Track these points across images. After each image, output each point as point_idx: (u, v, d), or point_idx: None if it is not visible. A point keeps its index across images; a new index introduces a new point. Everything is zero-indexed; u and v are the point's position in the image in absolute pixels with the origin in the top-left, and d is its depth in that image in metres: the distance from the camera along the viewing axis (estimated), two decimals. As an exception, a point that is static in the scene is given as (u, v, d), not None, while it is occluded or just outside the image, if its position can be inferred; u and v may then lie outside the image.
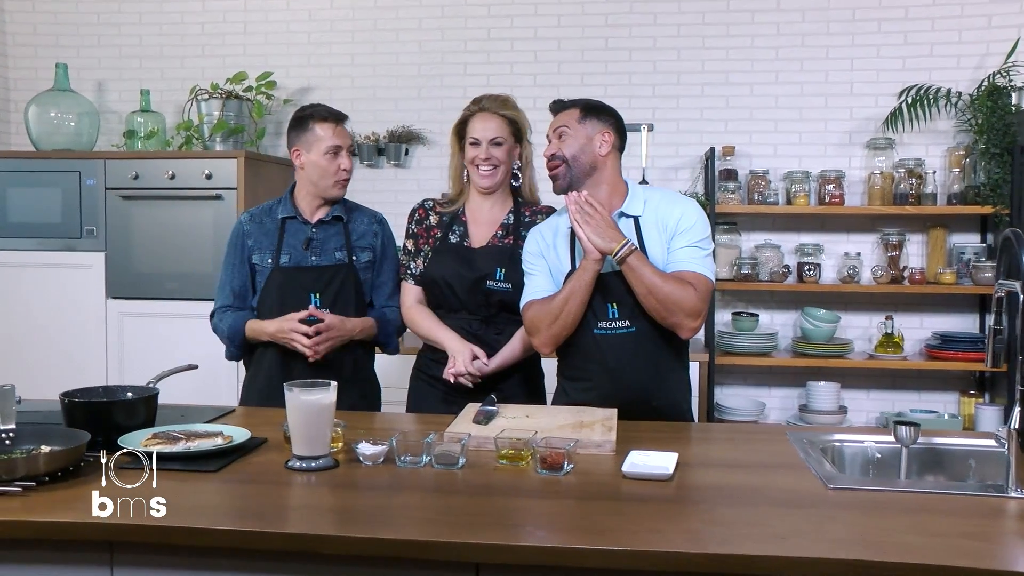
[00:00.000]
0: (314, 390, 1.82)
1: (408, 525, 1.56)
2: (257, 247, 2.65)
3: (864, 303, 4.27)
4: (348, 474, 1.84)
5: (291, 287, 2.59)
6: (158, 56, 4.73)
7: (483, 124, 2.56)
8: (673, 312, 2.22)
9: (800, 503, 1.67)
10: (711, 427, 2.80)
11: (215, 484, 1.75)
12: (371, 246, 2.69)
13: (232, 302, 2.66)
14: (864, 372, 4.23)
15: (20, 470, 1.66)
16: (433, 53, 4.52)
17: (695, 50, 4.37)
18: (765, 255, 4.24)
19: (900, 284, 4.08)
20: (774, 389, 4.39)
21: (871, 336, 4.26)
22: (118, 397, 2.08)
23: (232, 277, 2.67)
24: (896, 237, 4.13)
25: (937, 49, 4.16)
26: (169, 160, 4.09)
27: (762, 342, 4.17)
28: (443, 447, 1.87)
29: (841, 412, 4.10)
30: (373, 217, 2.76)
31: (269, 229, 2.66)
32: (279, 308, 2.57)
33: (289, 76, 4.56)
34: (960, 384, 4.20)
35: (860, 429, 2.57)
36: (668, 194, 2.45)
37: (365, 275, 2.67)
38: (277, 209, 2.68)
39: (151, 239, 4.10)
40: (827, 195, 4.12)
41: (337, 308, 2.59)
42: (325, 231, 2.66)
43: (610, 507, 1.67)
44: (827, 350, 4.10)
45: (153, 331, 4.10)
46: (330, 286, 2.61)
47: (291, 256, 2.62)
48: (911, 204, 4.02)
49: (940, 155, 4.17)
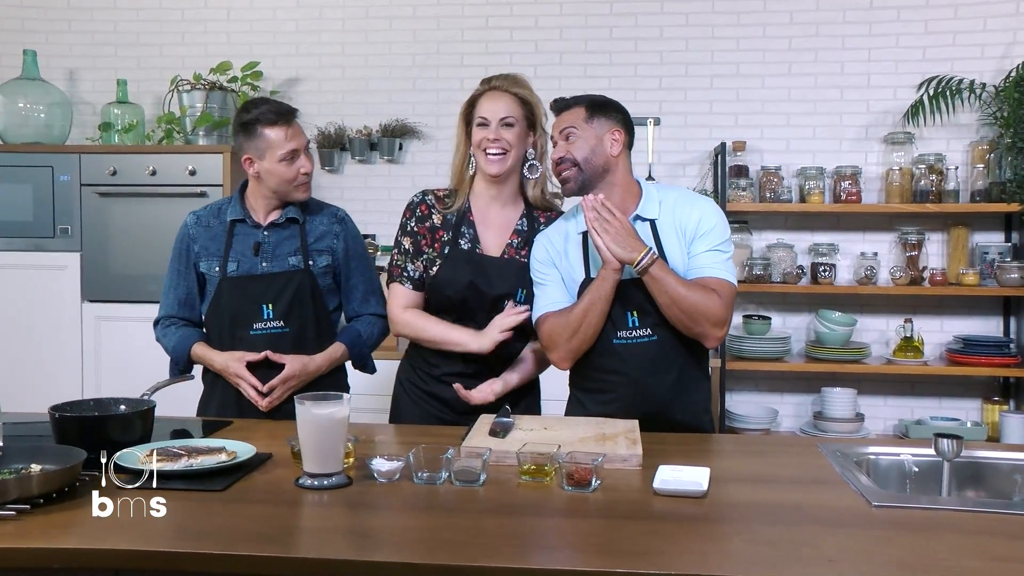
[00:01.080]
0: (326, 403, 1.79)
1: (431, 548, 1.54)
2: (204, 253, 2.54)
3: (881, 305, 4.28)
4: (362, 492, 1.80)
5: (240, 298, 2.48)
6: (135, 44, 4.67)
7: (493, 103, 2.44)
8: (699, 322, 2.22)
9: (844, 522, 1.65)
10: (737, 439, 2.79)
11: (222, 504, 1.72)
12: (330, 248, 2.57)
13: (177, 311, 2.57)
14: (881, 378, 4.24)
15: (12, 492, 1.62)
16: (428, 43, 4.49)
17: (704, 40, 4.36)
18: (778, 255, 4.24)
19: (919, 285, 4.08)
20: (786, 395, 4.40)
21: (888, 340, 4.27)
22: (111, 411, 2.04)
23: (176, 284, 2.57)
24: (915, 236, 4.14)
25: (960, 38, 4.17)
26: (150, 155, 4.05)
27: (774, 346, 4.17)
28: (463, 463, 1.85)
29: (858, 420, 4.11)
30: (333, 216, 2.62)
31: (216, 233, 2.54)
32: (228, 322, 2.49)
33: (276, 66, 4.52)
34: (983, 390, 4.21)
35: (894, 441, 2.57)
36: (684, 194, 2.43)
37: (324, 281, 2.56)
38: (227, 210, 2.57)
39: (130, 238, 4.05)
40: (843, 192, 4.12)
41: (293, 319, 2.49)
42: (277, 234, 2.53)
43: (644, 527, 1.64)
44: (843, 355, 4.10)
45: (132, 336, 4.02)
46: (283, 295, 2.49)
47: (239, 263, 2.50)
48: (932, 202, 4.02)
49: (962, 150, 4.18)
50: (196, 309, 2.58)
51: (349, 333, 2.60)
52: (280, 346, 2.46)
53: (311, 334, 2.53)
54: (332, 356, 2.54)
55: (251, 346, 2.46)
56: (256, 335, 2.48)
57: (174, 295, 2.57)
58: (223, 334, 2.50)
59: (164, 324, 2.58)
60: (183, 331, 2.55)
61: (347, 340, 2.58)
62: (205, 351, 2.50)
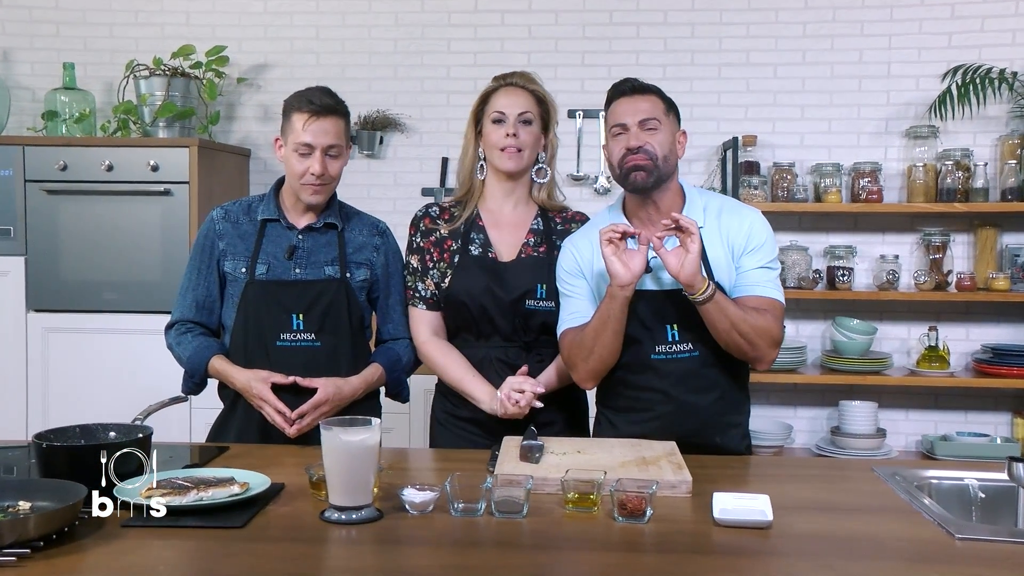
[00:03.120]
0: (356, 429, 1.76)
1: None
2: (230, 252, 2.50)
3: (903, 312, 4.32)
4: (394, 527, 1.78)
5: (268, 305, 2.45)
6: (80, 22, 4.57)
7: (510, 98, 2.49)
8: (757, 346, 2.24)
9: (929, 556, 1.65)
10: (785, 462, 2.83)
11: (244, 543, 1.67)
12: (368, 262, 2.55)
13: (194, 315, 2.52)
14: (902, 390, 4.27)
15: (6, 536, 1.55)
16: (412, 27, 4.45)
17: (711, 26, 4.37)
18: (792, 258, 4.26)
19: (945, 291, 4.13)
20: (800, 409, 4.42)
21: (910, 349, 4.31)
22: (101, 438, 1.98)
23: (196, 284, 2.52)
24: (939, 238, 4.18)
25: (989, 23, 4.21)
26: (107, 148, 3.96)
27: (788, 356, 4.18)
28: (505, 492, 1.82)
29: (879, 436, 4.13)
30: (374, 227, 2.61)
31: (246, 232, 2.52)
32: (254, 330, 2.44)
33: (242, 51, 4.46)
34: (1013, 403, 4.26)
35: (958, 464, 2.61)
36: (727, 201, 2.47)
37: (360, 296, 2.54)
38: (258, 208, 2.54)
39: (84, 241, 3.97)
40: (861, 191, 4.15)
41: (326, 334, 2.45)
42: (314, 240, 2.51)
43: (712, 563, 1.64)
44: (862, 365, 4.13)
45: (85, 350, 3.97)
46: (316, 306, 2.45)
47: (270, 267, 2.48)
48: (959, 200, 4.06)
49: (990, 144, 4.24)
50: (215, 314, 2.53)
51: (387, 355, 2.55)
52: (311, 362, 2.42)
53: (346, 352, 2.48)
54: (369, 380, 2.49)
55: (278, 358, 2.41)
56: (284, 347, 2.43)
57: (192, 296, 2.52)
58: (248, 343, 2.45)
59: (179, 330, 2.52)
60: (201, 340, 2.49)
61: (385, 363, 2.53)
62: (226, 366, 2.44)
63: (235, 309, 2.48)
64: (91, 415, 2.18)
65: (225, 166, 4.17)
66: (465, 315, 2.49)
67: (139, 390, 3.69)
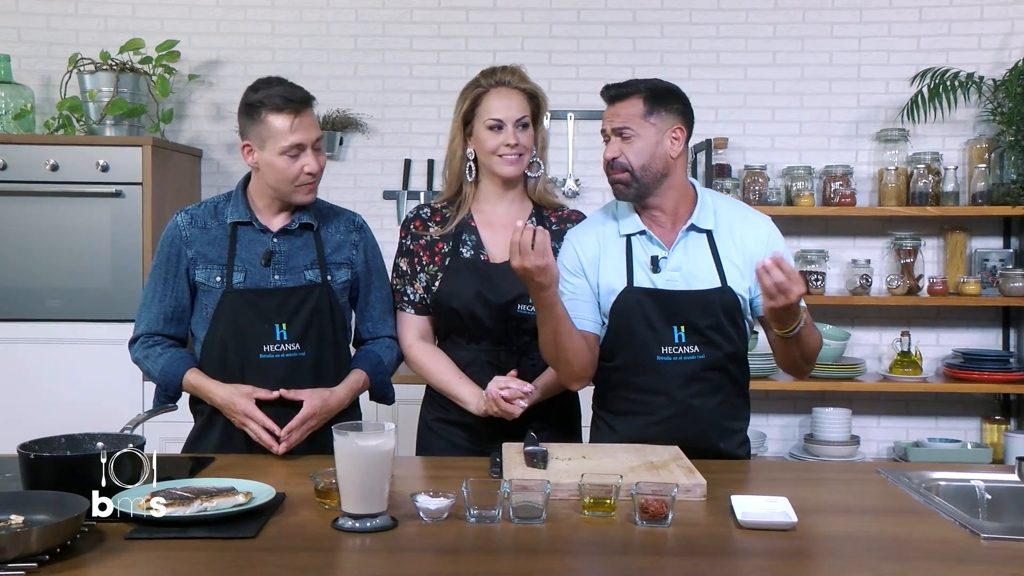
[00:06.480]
0: (371, 435, 1.76)
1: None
2: (201, 260, 2.43)
3: (874, 317, 4.43)
4: (410, 535, 1.77)
5: (249, 315, 2.39)
6: (12, 11, 4.46)
7: (505, 102, 2.47)
8: (811, 360, 2.32)
9: (958, 556, 1.70)
10: (791, 466, 2.89)
11: (257, 553, 1.65)
12: (349, 261, 2.52)
13: (162, 328, 2.45)
14: (875, 396, 4.38)
15: (8, 551, 1.52)
16: (372, 23, 4.44)
17: (681, 26, 4.45)
18: (763, 263, 4.33)
19: (916, 295, 4.24)
20: (772, 417, 4.50)
21: (882, 355, 4.42)
22: (88, 449, 1.94)
23: (163, 295, 2.45)
24: (910, 242, 4.30)
25: (956, 27, 4.35)
26: (51, 147, 3.87)
27: (761, 363, 4.23)
28: (524, 497, 1.83)
29: (853, 443, 4.23)
30: (351, 222, 2.58)
31: (216, 237, 2.44)
32: (233, 343, 2.39)
33: (192, 46, 4.39)
34: (982, 409, 4.40)
35: (958, 466, 2.68)
36: (737, 205, 2.50)
37: (343, 298, 2.51)
38: (225, 210, 2.47)
39: (25, 245, 3.87)
40: (834, 194, 4.25)
41: (310, 343, 2.42)
42: (290, 243, 2.46)
43: (743, 565, 1.68)
44: (835, 371, 4.21)
45: (26, 361, 3.85)
46: (299, 314, 2.41)
47: (247, 274, 2.41)
48: (930, 204, 4.18)
49: (958, 148, 4.38)
50: (184, 324, 2.47)
51: (368, 359, 2.53)
52: (295, 373, 2.39)
53: (330, 360, 2.46)
54: (354, 388, 2.47)
55: (261, 371, 2.37)
56: (267, 359, 2.38)
57: (159, 308, 2.44)
58: (227, 356, 2.39)
59: (145, 343, 2.45)
60: (172, 352, 2.43)
61: (367, 367, 2.51)
62: (202, 380, 2.38)
63: (207, 320, 2.43)
64: (32, 431, 2.07)
65: (177, 166, 4.11)
66: (454, 319, 2.50)
67: (83, 405, 3.66)
